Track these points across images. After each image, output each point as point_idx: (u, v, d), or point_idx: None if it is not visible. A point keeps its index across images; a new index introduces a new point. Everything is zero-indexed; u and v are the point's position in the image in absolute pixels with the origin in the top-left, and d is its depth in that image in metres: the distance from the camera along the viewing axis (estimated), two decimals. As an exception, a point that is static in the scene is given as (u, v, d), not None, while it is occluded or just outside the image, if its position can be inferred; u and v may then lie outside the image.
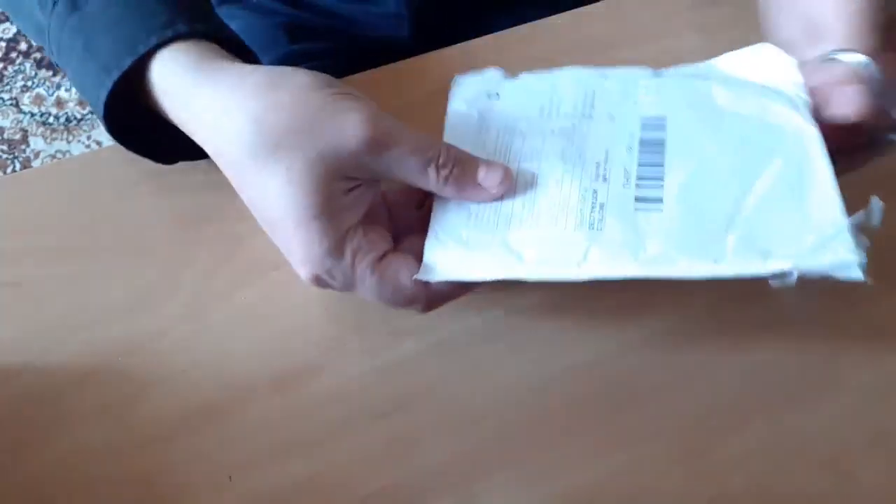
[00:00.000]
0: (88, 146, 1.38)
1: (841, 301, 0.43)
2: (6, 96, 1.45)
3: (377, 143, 0.33)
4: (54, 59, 0.41)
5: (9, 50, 1.47)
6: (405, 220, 0.38)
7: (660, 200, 0.35)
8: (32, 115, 1.41)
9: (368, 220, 0.35)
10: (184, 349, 0.40)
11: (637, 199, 0.35)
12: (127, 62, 0.37)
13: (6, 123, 1.42)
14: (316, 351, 0.40)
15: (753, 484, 0.37)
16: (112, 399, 0.39)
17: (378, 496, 0.37)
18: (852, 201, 0.33)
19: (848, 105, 0.34)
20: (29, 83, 1.44)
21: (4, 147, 1.39)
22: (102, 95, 0.37)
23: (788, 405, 0.40)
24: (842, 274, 0.32)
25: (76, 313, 0.41)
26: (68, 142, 1.38)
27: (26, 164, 1.38)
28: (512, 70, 0.42)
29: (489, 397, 0.39)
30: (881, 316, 0.43)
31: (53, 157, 1.37)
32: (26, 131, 1.41)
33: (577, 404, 0.39)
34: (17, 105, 1.45)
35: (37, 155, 1.39)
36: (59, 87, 1.43)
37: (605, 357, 0.40)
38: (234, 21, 0.66)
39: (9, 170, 1.36)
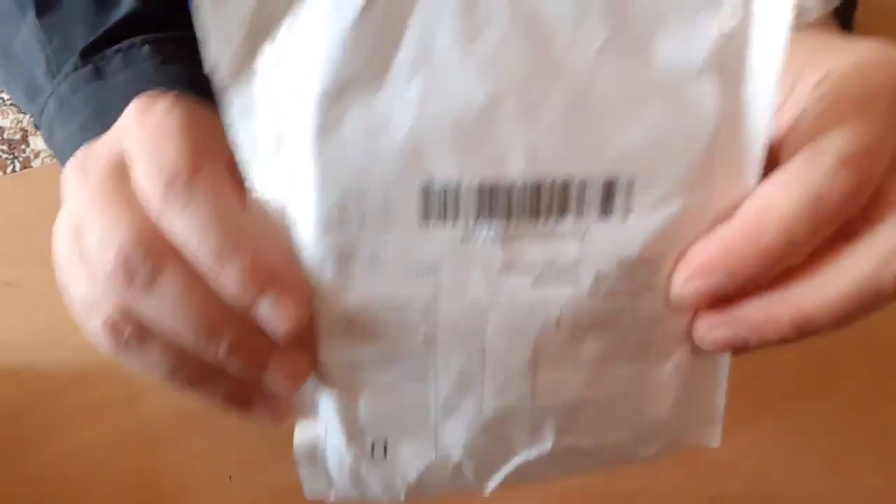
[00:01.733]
0: (88, 146, 1.38)
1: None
2: (6, 96, 1.45)
3: None
4: (40, 120, 0.39)
5: (9, 50, 1.47)
6: None
7: None
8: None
9: None
10: (184, 349, 0.40)
11: None
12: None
13: (6, 123, 1.42)
14: (316, 351, 0.40)
15: (753, 484, 0.37)
16: (112, 399, 0.39)
17: (378, 496, 0.37)
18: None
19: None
20: (29, 83, 1.44)
21: (4, 147, 1.39)
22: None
23: (788, 405, 0.40)
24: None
25: (76, 313, 0.41)
26: (68, 142, 1.38)
27: (26, 164, 1.38)
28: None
29: (489, 397, 0.39)
30: (881, 316, 0.42)
31: (53, 157, 1.37)
32: (26, 131, 1.41)
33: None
34: (17, 105, 1.45)
35: (37, 155, 1.39)
36: (59, 86, 1.43)
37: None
38: None
39: (9, 170, 1.36)
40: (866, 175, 0.21)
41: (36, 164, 1.36)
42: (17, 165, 1.37)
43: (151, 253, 0.22)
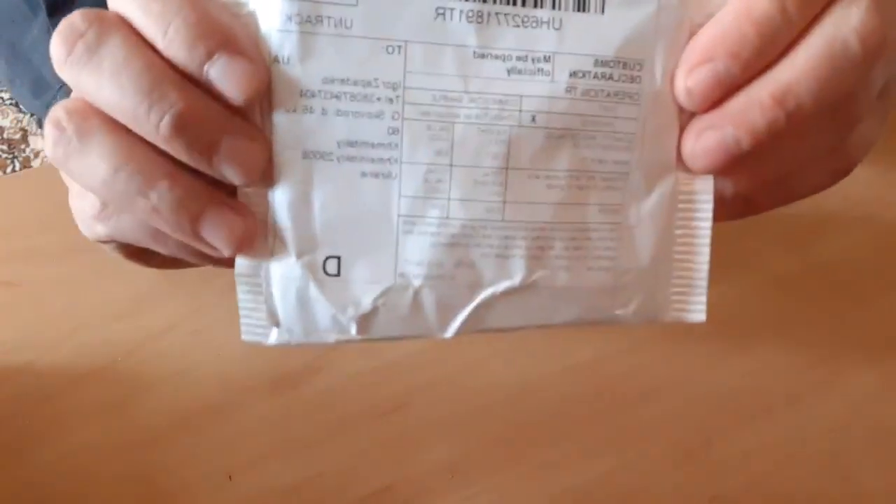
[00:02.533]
0: (88, 146, 1.38)
1: (841, 301, 0.43)
2: (6, 96, 1.45)
3: None
4: (45, 113, 0.39)
5: (9, 50, 1.47)
6: None
7: None
8: (32, 114, 1.41)
9: None
10: (183, 349, 0.40)
11: None
12: None
13: (6, 123, 1.42)
14: (315, 351, 0.40)
15: (753, 484, 0.37)
16: (112, 399, 0.39)
17: (378, 496, 0.37)
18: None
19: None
20: (29, 83, 1.44)
21: (4, 147, 1.39)
22: None
23: (788, 405, 0.40)
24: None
25: (76, 313, 0.41)
26: (68, 142, 1.38)
27: (26, 164, 1.38)
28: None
29: (489, 397, 0.39)
30: (881, 316, 0.43)
31: (53, 156, 1.37)
32: (26, 131, 1.41)
33: (577, 404, 0.39)
34: (16, 105, 1.45)
35: (37, 155, 1.39)
36: (59, 86, 1.43)
37: (604, 356, 0.40)
38: None
39: (9, 170, 1.36)
40: None
41: (36, 164, 1.36)
42: (17, 165, 1.37)
43: (98, 20, 0.21)
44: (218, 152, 0.21)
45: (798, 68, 0.21)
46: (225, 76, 0.20)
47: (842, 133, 0.24)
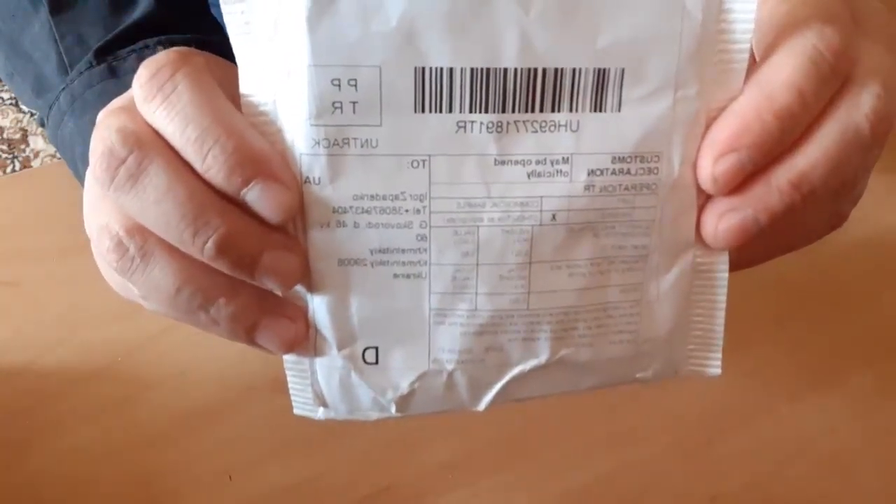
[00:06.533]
0: (88, 146, 1.38)
1: (840, 301, 0.43)
2: (6, 96, 1.45)
3: None
4: (48, 113, 0.39)
5: (9, 50, 1.47)
6: None
7: None
8: (32, 114, 1.41)
9: None
10: (184, 349, 0.40)
11: None
12: None
13: (6, 123, 1.42)
14: (316, 351, 0.40)
15: (753, 483, 0.37)
16: (112, 399, 0.39)
17: (378, 496, 0.37)
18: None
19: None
20: (29, 83, 1.44)
21: (4, 147, 1.39)
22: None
23: (788, 405, 0.40)
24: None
25: (76, 313, 0.41)
26: (68, 141, 1.38)
27: (26, 164, 1.38)
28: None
29: (489, 397, 0.39)
30: (880, 316, 0.43)
31: (53, 157, 1.37)
32: (26, 131, 1.41)
33: (578, 404, 0.39)
34: (16, 104, 1.45)
35: (36, 155, 1.39)
36: (58, 86, 1.43)
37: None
38: None
39: (9, 170, 1.36)
40: (848, 31, 0.22)
41: (36, 164, 1.36)
42: (17, 165, 1.37)
43: (137, 145, 0.22)
44: (258, 267, 0.22)
45: (814, 156, 0.22)
46: (260, 201, 0.22)
47: (843, 200, 0.25)
